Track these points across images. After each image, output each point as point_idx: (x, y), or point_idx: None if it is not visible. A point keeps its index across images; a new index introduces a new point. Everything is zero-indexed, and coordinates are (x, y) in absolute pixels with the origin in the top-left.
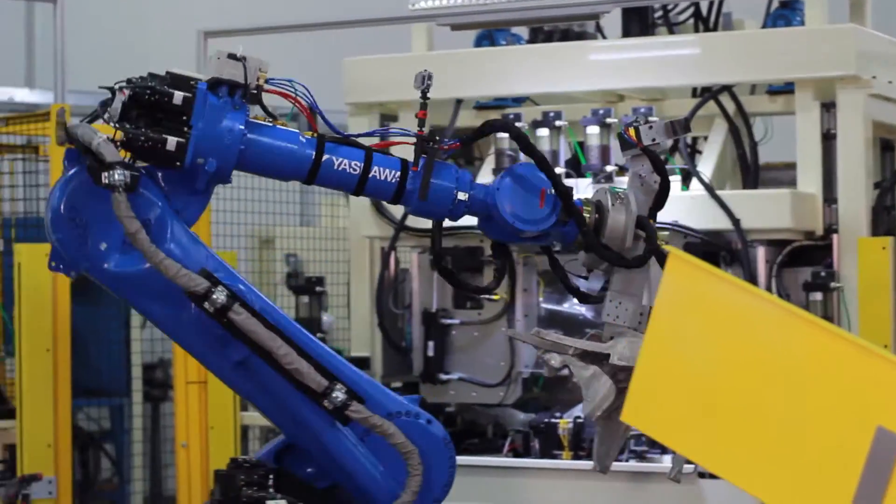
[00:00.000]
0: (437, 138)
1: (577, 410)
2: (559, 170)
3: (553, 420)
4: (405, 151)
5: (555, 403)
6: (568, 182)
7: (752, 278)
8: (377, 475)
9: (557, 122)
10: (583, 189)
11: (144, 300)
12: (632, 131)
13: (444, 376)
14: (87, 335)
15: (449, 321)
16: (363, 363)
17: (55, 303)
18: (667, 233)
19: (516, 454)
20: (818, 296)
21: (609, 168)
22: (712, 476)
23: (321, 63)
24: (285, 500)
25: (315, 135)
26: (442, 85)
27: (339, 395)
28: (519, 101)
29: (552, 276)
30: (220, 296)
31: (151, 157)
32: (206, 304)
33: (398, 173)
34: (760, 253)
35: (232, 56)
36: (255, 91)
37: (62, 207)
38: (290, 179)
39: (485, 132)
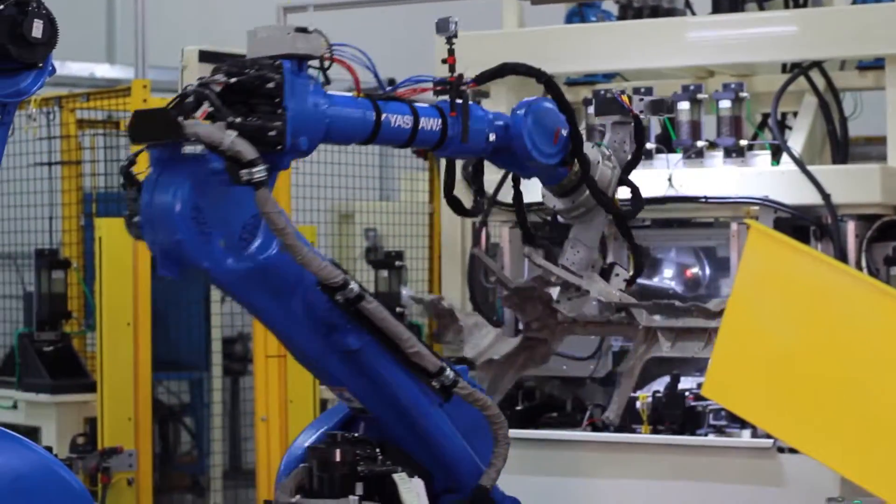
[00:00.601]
0: (465, 80)
1: (656, 385)
2: (649, 145)
3: (632, 395)
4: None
5: (644, 378)
6: (660, 157)
7: (842, 253)
8: (465, 452)
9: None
10: (673, 164)
11: (259, 295)
12: (626, 98)
13: None
14: (167, 309)
15: None
16: None
17: (136, 277)
18: (756, 207)
19: (595, 428)
20: None
21: (700, 143)
22: (791, 450)
23: (412, 39)
24: (405, 472)
25: (362, 95)
26: (533, 60)
27: (450, 373)
28: (609, 76)
29: (644, 251)
30: (354, 286)
31: (255, 144)
32: (339, 296)
33: (440, 121)
34: (850, 228)
35: (301, 29)
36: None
37: (182, 208)
38: (351, 143)
39: (502, 73)
